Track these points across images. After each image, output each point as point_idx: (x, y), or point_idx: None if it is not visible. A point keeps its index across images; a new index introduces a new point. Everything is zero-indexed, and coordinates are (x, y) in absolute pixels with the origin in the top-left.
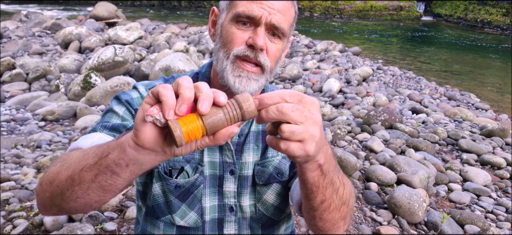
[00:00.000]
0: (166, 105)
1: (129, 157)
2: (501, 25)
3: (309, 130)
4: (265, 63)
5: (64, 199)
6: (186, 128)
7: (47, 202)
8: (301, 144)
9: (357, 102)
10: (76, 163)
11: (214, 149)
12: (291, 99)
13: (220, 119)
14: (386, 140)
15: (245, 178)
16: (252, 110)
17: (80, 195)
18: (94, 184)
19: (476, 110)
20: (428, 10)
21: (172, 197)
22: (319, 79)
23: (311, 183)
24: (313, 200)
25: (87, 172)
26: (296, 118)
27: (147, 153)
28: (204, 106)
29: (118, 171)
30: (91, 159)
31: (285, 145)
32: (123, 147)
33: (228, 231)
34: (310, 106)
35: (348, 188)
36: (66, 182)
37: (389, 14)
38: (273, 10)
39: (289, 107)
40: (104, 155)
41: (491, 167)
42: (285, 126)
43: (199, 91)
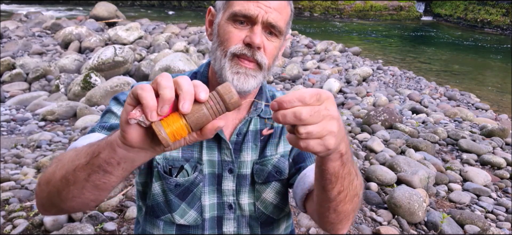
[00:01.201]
0: (147, 108)
1: (119, 155)
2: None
3: (327, 126)
4: (262, 61)
5: (61, 198)
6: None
7: (45, 202)
8: (320, 140)
9: (357, 102)
10: (69, 163)
11: (213, 147)
12: (311, 99)
13: (204, 114)
14: (386, 140)
15: (243, 177)
16: (235, 101)
17: (76, 194)
18: (88, 183)
19: (476, 110)
20: (428, 10)
21: (172, 195)
22: (319, 79)
23: (331, 173)
24: (331, 191)
25: (80, 171)
26: (314, 120)
27: (136, 151)
28: (186, 106)
29: (110, 170)
30: (83, 159)
31: (304, 143)
32: (112, 147)
33: (228, 228)
34: (327, 103)
35: (360, 179)
36: (61, 182)
37: (389, 14)
38: (269, 8)
39: (306, 112)
40: (95, 154)
41: (491, 167)
42: (301, 128)
43: (179, 89)
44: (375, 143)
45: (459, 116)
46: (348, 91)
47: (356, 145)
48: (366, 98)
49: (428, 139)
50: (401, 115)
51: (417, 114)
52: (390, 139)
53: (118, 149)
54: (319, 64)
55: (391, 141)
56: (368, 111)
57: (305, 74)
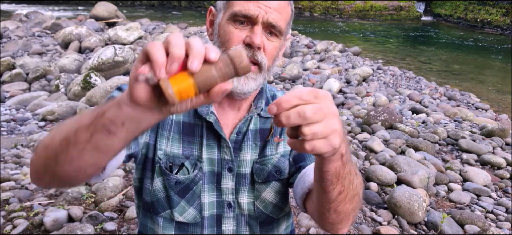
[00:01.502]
0: (156, 64)
1: (125, 114)
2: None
3: (330, 125)
4: (262, 61)
5: (58, 162)
6: (178, 86)
7: (40, 169)
8: (325, 139)
9: (357, 102)
10: (72, 124)
11: (213, 145)
12: (308, 97)
13: (212, 76)
14: (386, 140)
15: (243, 176)
16: (245, 65)
17: (75, 157)
18: (90, 144)
19: (476, 110)
20: (428, 10)
21: (172, 192)
22: (319, 79)
23: (332, 173)
24: (332, 191)
25: (82, 132)
26: (317, 118)
27: (143, 110)
28: (195, 64)
29: (114, 130)
30: (87, 119)
31: (310, 146)
32: (119, 105)
33: (227, 227)
34: (325, 101)
35: (360, 178)
36: (60, 144)
37: (389, 14)
38: (269, 9)
39: (310, 110)
40: (100, 114)
41: (491, 167)
42: (306, 129)
43: (190, 48)
44: (375, 143)
45: (459, 116)
46: (348, 91)
47: (356, 145)
48: (366, 98)
49: (428, 139)
50: (401, 115)
51: (417, 114)
52: (390, 139)
53: (125, 106)
54: (319, 64)
55: (391, 141)
56: (368, 111)
57: (305, 74)
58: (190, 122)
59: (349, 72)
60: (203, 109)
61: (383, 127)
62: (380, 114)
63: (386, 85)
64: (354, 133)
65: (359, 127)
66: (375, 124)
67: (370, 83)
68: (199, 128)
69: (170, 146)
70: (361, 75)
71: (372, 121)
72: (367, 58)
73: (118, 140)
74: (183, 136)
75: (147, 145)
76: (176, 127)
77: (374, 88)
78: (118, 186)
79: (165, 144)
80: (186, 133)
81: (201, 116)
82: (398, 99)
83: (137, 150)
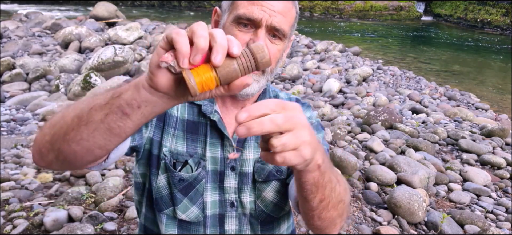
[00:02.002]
0: (180, 53)
1: (142, 98)
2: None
3: (299, 136)
4: None
5: (66, 139)
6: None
7: (45, 147)
8: (296, 151)
9: (357, 102)
10: (85, 103)
11: (216, 144)
12: (276, 107)
13: (234, 70)
14: (386, 140)
15: (245, 175)
16: (266, 61)
17: (85, 136)
18: (103, 124)
19: (476, 110)
20: (428, 10)
21: (175, 190)
22: (319, 79)
23: (311, 183)
24: (313, 200)
25: (97, 111)
26: (288, 126)
27: (161, 96)
28: (218, 58)
29: (129, 112)
30: (102, 99)
31: (281, 158)
32: (137, 87)
33: (229, 227)
34: (293, 112)
35: (343, 185)
36: (72, 122)
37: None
38: (273, 12)
39: (281, 117)
40: (117, 94)
41: (491, 167)
42: (275, 140)
43: (213, 41)
44: (375, 143)
45: (459, 116)
46: (348, 91)
47: (356, 145)
48: (366, 98)
49: (428, 139)
50: (401, 115)
51: (417, 114)
52: (390, 139)
53: (143, 90)
54: (319, 64)
55: (391, 141)
56: (368, 111)
57: (305, 74)
58: (194, 120)
59: (349, 72)
60: (207, 108)
61: (383, 127)
62: (380, 115)
63: (386, 85)
64: (354, 133)
65: (359, 127)
66: (375, 124)
67: (370, 83)
68: (203, 126)
69: (175, 143)
70: (361, 75)
71: (372, 121)
72: (367, 58)
73: (132, 123)
74: (187, 133)
75: (151, 140)
76: (181, 125)
77: (374, 88)
78: (118, 186)
79: (170, 140)
80: (190, 131)
81: (205, 115)
82: (398, 99)
83: (141, 142)
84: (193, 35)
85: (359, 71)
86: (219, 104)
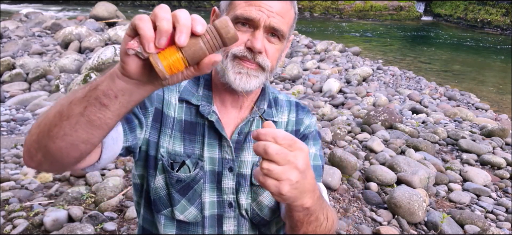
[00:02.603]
0: (144, 39)
1: (117, 87)
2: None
3: (287, 172)
4: (264, 64)
5: (50, 136)
6: (167, 61)
7: (32, 147)
8: (277, 182)
9: (357, 102)
10: (66, 99)
11: (214, 144)
12: (283, 142)
13: (200, 48)
14: (386, 140)
15: (243, 176)
16: (232, 35)
17: (68, 131)
18: (83, 117)
19: (476, 110)
20: (428, 10)
21: (173, 190)
22: (319, 79)
23: (296, 219)
24: (297, 231)
25: (76, 105)
26: (278, 159)
27: (135, 83)
28: (182, 39)
29: (107, 103)
30: (81, 93)
31: (263, 179)
32: (112, 77)
33: (228, 227)
34: (297, 153)
35: (332, 220)
36: (54, 118)
37: (389, 14)
38: (272, 13)
39: (274, 149)
40: (93, 87)
41: (491, 167)
42: (265, 163)
43: (177, 22)
44: (375, 143)
45: (459, 116)
46: (348, 91)
47: (356, 145)
48: (366, 98)
49: (428, 139)
50: (401, 115)
51: (417, 114)
52: (390, 139)
53: (117, 79)
54: (319, 64)
55: (391, 141)
56: (368, 111)
57: (305, 74)
58: (192, 120)
59: (349, 72)
60: (204, 108)
61: (383, 127)
62: (380, 114)
63: (386, 85)
64: (354, 133)
65: (359, 127)
66: (375, 124)
67: (370, 83)
68: (200, 127)
69: (172, 144)
70: (361, 75)
71: (372, 121)
72: (367, 58)
73: (111, 113)
74: (185, 134)
75: (148, 141)
76: (178, 125)
77: (374, 88)
78: (118, 186)
79: (167, 141)
80: (188, 131)
81: (203, 115)
82: (398, 99)
83: (135, 143)
84: (156, 19)
85: (359, 71)
86: (217, 104)
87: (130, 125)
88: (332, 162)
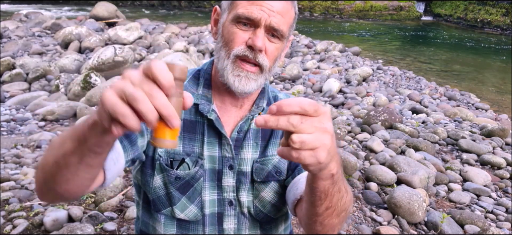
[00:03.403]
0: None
1: (107, 139)
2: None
3: (319, 138)
4: (264, 63)
5: (56, 182)
6: (170, 135)
7: (43, 188)
8: (312, 151)
9: (357, 102)
10: (58, 148)
11: (214, 143)
12: (309, 108)
13: (179, 101)
14: (386, 140)
15: (243, 174)
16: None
17: (70, 176)
18: (81, 165)
19: (476, 110)
20: (428, 10)
21: (172, 188)
22: (319, 79)
23: (321, 190)
24: (320, 206)
25: (70, 156)
26: (306, 129)
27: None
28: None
29: (101, 151)
30: (70, 146)
31: (297, 153)
32: (99, 132)
33: (228, 225)
34: (322, 117)
35: (350, 195)
36: (53, 167)
37: (389, 14)
38: (272, 12)
39: (298, 119)
40: (82, 140)
41: (491, 167)
42: (295, 136)
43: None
44: (375, 143)
45: (459, 116)
46: (348, 91)
47: (356, 145)
48: (366, 98)
49: (428, 139)
50: (401, 115)
51: (417, 114)
52: (390, 139)
53: (105, 136)
54: (319, 64)
55: (391, 141)
56: (368, 111)
57: (305, 74)
58: (192, 119)
59: (349, 72)
60: (204, 107)
61: (383, 127)
62: (380, 114)
63: (386, 85)
64: (354, 133)
65: (359, 127)
66: (375, 124)
67: (370, 83)
68: (200, 125)
69: None
70: (361, 75)
71: (372, 121)
72: (367, 58)
73: (107, 153)
74: (184, 133)
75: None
76: None
77: (374, 88)
78: (118, 186)
79: None
80: (187, 130)
81: (202, 114)
82: (398, 99)
83: (138, 153)
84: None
85: (359, 71)
86: (217, 102)
87: (129, 139)
88: None
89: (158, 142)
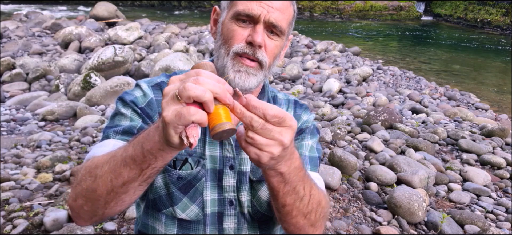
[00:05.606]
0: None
1: (167, 158)
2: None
3: (269, 145)
4: (263, 59)
5: (110, 207)
6: (225, 114)
7: (87, 216)
8: (258, 151)
9: (357, 102)
10: (112, 179)
11: (215, 143)
12: (273, 120)
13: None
14: (386, 140)
15: (243, 173)
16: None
17: (127, 199)
18: (142, 185)
19: (476, 110)
20: (428, 10)
21: (174, 188)
22: (319, 79)
23: (271, 187)
24: (275, 202)
25: (132, 182)
26: (262, 133)
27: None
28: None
29: (158, 171)
30: (130, 172)
31: (245, 144)
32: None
33: (228, 225)
34: (285, 130)
35: (316, 201)
36: (109, 196)
37: (389, 14)
38: (271, 8)
39: (257, 123)
40: (145, 167)
41: (491, 167)
42: (250, 133)
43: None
44: (375, 143)
45: (459, 116)
46: (348, 91)
47: (356, 145)
48: (366, 98)
49: (428, 139)
50: (401, 115)
51: (417, 114)
52: (390, 139)
53: (165, 153)
54: (319, 64)
55: (391, 141)
56: (368, 111)
57: (305, 74)
58: None
59: (349, 72)
60: None
61: (383, 127)
62: (380, 114)
63: (386, 85)
64: (354, 133)
65: (359, 127)
66: (375, 124)
67: (370, 83)
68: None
69: None
70: (361, 75)
71: (372, 121)
72: (367, 58)
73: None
74: None
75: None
76: None
77: (374, 88)
78: None
79: None
80: None
81: None
82: (398, 99)
83: None
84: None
85: (359, 71)
86: None
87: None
88: (332, 162)
89: (218, 128)
